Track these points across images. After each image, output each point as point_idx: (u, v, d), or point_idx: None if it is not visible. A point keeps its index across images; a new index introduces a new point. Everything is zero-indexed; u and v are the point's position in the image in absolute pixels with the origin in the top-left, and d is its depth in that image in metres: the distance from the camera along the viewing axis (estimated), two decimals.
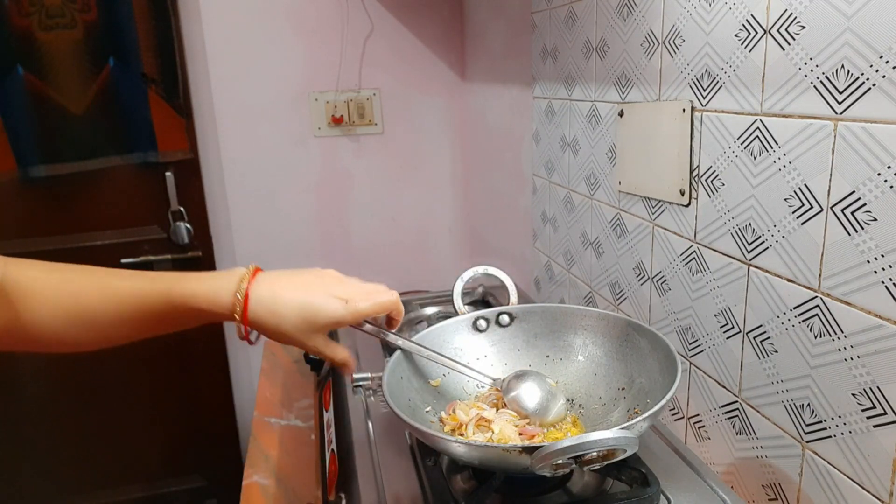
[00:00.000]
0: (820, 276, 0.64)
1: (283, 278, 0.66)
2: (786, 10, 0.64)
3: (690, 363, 0.88)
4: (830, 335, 0.63)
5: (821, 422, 0.66)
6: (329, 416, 1.01)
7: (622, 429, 0.58)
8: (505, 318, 0.87)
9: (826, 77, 0.60)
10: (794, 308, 0.67)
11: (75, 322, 0.61)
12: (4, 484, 1.81)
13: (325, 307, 0.64)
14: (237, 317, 0.63)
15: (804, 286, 0.66)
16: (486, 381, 0.78)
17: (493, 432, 0.73)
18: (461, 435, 0.74)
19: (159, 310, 0.62)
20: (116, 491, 1.89)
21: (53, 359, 1.72)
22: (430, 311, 1.28)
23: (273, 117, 1.75)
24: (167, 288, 0.62)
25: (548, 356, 0.86)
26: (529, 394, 0.74)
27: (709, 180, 0.80)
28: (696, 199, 0.82)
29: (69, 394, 1.78)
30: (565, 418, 0.76)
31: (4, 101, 1.53)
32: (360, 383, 0.96)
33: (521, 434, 0.73)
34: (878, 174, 0.56)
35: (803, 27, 0.62)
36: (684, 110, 0.82)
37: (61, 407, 1.79)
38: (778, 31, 0.66)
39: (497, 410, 0.77)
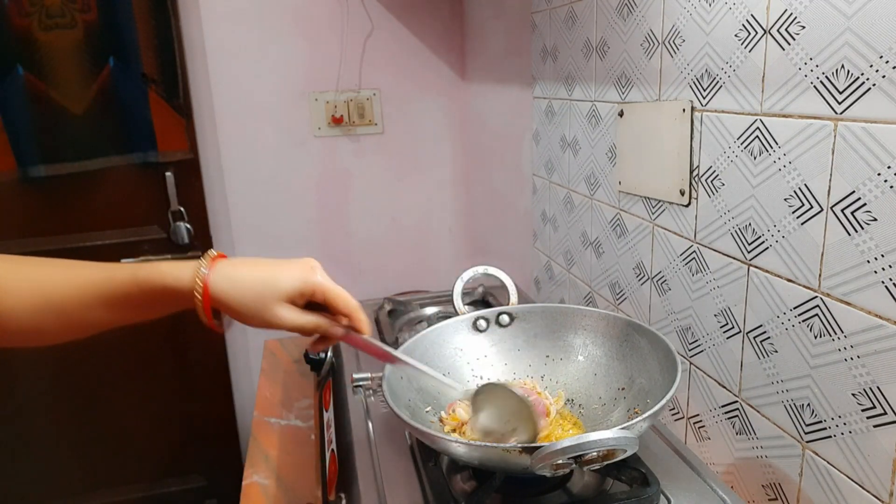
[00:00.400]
0: (820, 276, 0.64)
1: (251, 259, 0.66)
2: (786, 10, 0.64)
3: (690, 363, 0.88)
4: (830, 335, 0.63)
5: (821, 422, 0.66)
6: (329, 416, 1.01)
7: (622, 429, 0.58)
8: (505, 318, 0.87)
9: (826, 77, 0.60)
10: (794, 308, 0.67)
11: (44, 311, 0.61)
12: (4, 484, 1.81)
13: (283, 272, 0.63)
14: (198, 293, 0.61)
15: (804, 286, 0.66)
16: (457, 391, 0.73)
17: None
18: (462, 434, 0.74)
19: (125, 291, 0.62)
20: (116, 491, 1.89)
21: (53, 359, 1.72)
22: (430, 311, 1.28)
23: (273, 117, 1.75)
24: (133, 269, 0.62)
25: (548, 356, 0.86)
26: (491, 417, 0.70)
27: (709, 180, 0.80)
28: (696, 199, 0.82)
29: (69, 394, 1.78)
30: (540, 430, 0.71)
31: (4, 101, 1.53)
32: (360, 383, 0.96)
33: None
34: (878, 174, 0.56)
35: (803, 27, 0.62)
36: (684, 110, 0.82)
37: (61, 407, 1.79)
38: (778, 31, 0.66)
39: None
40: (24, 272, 0.62)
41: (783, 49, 0.65)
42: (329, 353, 1.17)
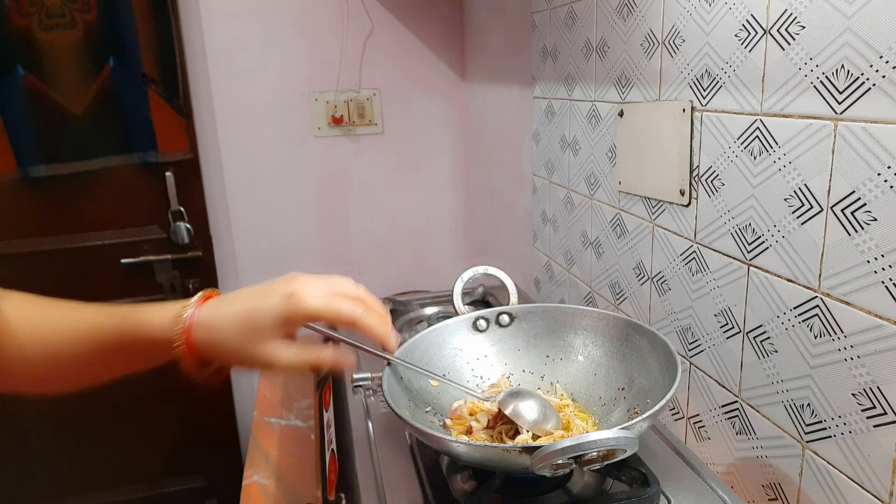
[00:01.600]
0: (820, 276, 0.64)
1: (233, 294, 0.58)
2: (786, 10, 0.64)
3: (690, 363, 0.88)
4: (830, 335, 0.63)
5: (821, 422, 0.66)
6: (329, 416, 1.01)
7: (622, 429, 0.58)
8: (505, 318, 0.87)
9: (826, 77, 0.60)
10: (794, 308, 0.67)
11: (43, 357, 0.58)
12: (5, 484, 1.81)
13: (263, 305, 0.54)
14: (175, 340, 0.54)
15: (804, 286, 0.66)
16: (478, 396, 0.76)
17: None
18: (472, 437, 0.74)
19: (114, 341, 0.57)
20: (116, 491, 1.89)
21: None
22: (430, 311, 1.28)
23: (273, 117, 1.75)
24: (122, 316, 0.57)
25: (548, 356, 0.86)
26: (528, 408, 0.71)
27: (709, 180, 0.80)
28: (696, 199, 0.82)
29: (69, 394, 1.78)
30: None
31: (4, 101, 1.53)
32: (360, 383, 0.96)
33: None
34: (878, 174, 0.56)
35: (803, 27, 0.62)
36: (684, 110, 0.82)
37: (61, 407, 1.78)
38: (778, 31, 0.66)
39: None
40: (30, 313, 0.58)
41: (783, 49, 0.65)
42: None
